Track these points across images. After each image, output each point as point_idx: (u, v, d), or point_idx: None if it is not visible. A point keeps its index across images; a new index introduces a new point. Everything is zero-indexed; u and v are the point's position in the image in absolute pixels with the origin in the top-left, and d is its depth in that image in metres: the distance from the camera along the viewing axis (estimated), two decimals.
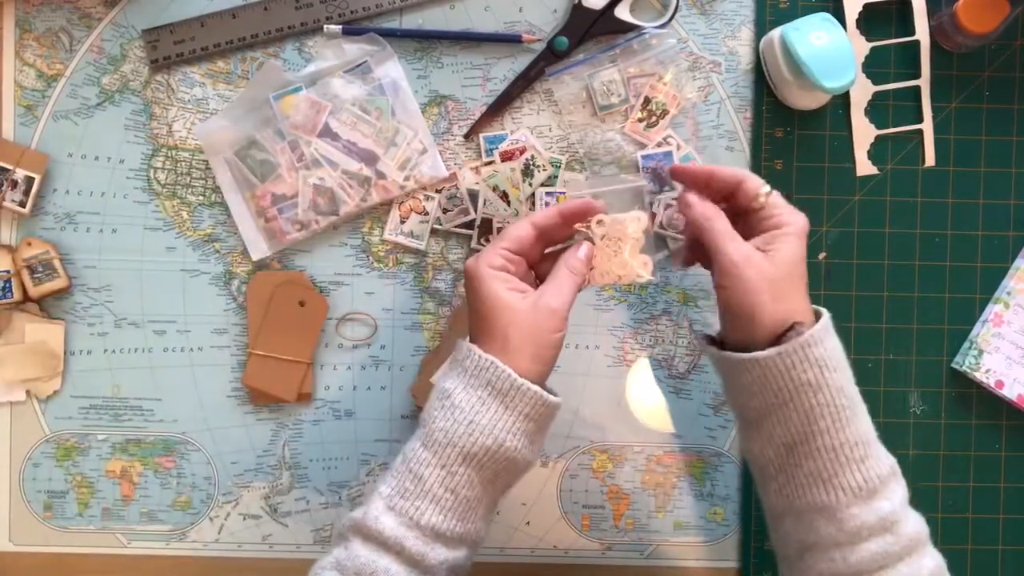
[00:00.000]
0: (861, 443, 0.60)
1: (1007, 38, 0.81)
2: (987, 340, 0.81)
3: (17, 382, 0.79)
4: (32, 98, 0.79)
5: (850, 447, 0.59)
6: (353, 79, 0.78)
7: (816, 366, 0.59)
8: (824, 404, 0.59)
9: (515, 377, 0.60)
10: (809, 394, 0.59)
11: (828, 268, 0.82)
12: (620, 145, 0.81)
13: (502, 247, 0.63)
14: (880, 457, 0.61)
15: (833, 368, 0.60)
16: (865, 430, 0.61)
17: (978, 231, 0.83)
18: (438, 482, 0.59)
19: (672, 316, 0.82)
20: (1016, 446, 0.83)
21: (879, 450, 0.61)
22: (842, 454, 0.59)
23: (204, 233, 0.80)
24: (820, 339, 0.60)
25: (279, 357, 0.79)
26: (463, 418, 0.60)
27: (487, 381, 0.60)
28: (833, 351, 0.60)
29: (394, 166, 0.79)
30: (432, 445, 0.60)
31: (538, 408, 0.61)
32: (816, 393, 0.59)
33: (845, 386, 0.60)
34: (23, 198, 0.78)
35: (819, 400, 0.59)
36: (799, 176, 0.82)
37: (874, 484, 0.59)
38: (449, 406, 0.60)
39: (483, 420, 0.59)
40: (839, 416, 0.59)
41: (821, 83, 0.73)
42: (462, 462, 0.59)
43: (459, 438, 0.59)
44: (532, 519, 0.82)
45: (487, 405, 0.60)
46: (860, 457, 0.59)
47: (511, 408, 0.60)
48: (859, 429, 0.60)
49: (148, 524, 0.81)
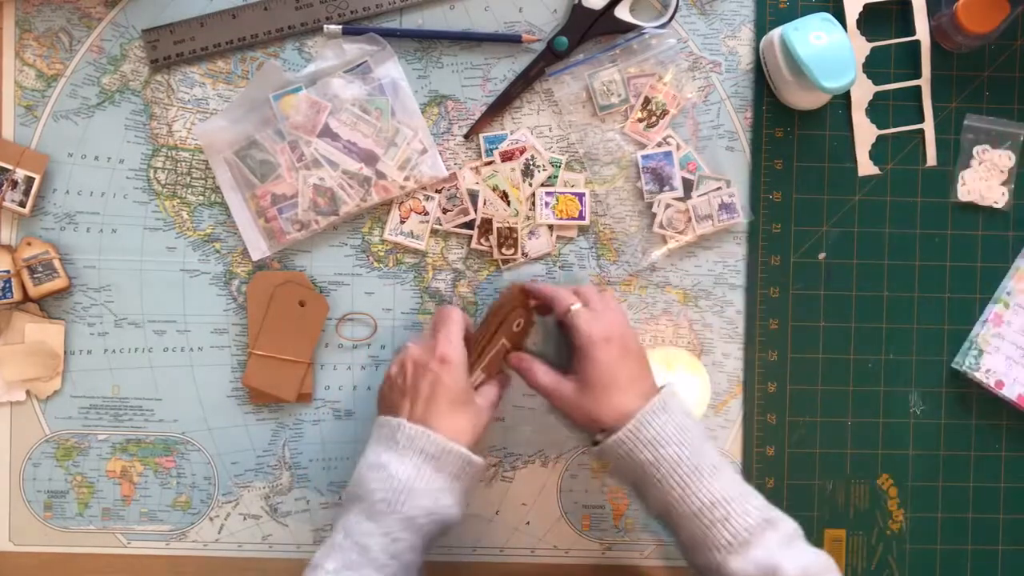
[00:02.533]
0: (720, 502, 0.64)
1: (1007, 38, 0.81)
2: (987, 340, 0.81)
3: (17, 382, 0.79)
4: (32, 98, 0.79)
5: (708, 509, 0.64)
6: (353, 79, 0.78)
7: (650, 446, 0.65)
8: (667, 476, 0.65)
9: (445, 442, 0.66)
10: (652, 471, 0.65)
11: (828, 268, 0.82)
12: (620, 145, 0.81)
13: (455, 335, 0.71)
14: (746, 511, 0.64)
15: (666, 443, 0.65)
16: (721, 488, 0.64)
17: (978, 231, 0.83)
18: (382, 550, 0.63)
19: (672, 316, 0.82)
20: (1016, 446, 0.83)
21: (744, 504, 0.64)
22: (704, 517, 0.64)
23: (204, 233, 0.80)
24: (648, 421, 0.66)
25: (279, 357, 0.79)
26: (401, 486, 0.64)
27: (420, 449, 0.65)
28: (664, 427, 0.65)
29: (394, 166, 0.79)
30: (375, 516, 0.64)
31: (464, 468, 0.66)
32: (657, 468, 0.65)
33: (685, 456, 0.65)
34: (23, 198, 0.78)
35: (662, 474, 0.65)
36: (799, 176, 0.82)
37: (743, 537, 0.63)
38: (386, 477, 0.65)
39: (420, 484, 0.65)
40: (687, 484, 0.64)
41: (821, 83, 0.73)
42: (404, 528, 0.64)
43: (400, 505, 0.64)
44: (532, 519, 0.82)
45: (420, 470, 0.65)
46: (722, 517, 0.63)
47: (442, 470, 0.66)
48: (712, 490, 0.64)
49: (148, 524, 0.81)
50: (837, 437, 0.82)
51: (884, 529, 0.83)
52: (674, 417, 0.67)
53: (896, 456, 0.83)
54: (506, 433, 0.81)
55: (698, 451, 0.66)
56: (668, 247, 0.81)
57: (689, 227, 0.80)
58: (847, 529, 0.82)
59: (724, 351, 0.82)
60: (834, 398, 0.82)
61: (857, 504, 0.82)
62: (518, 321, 0.74)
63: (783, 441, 0.82)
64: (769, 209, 0.82)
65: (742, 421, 0.82)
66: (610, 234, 0.81)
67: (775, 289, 0.82)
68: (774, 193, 0.82)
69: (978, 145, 0.82)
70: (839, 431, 0.82)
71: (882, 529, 0.83)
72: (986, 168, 0.82)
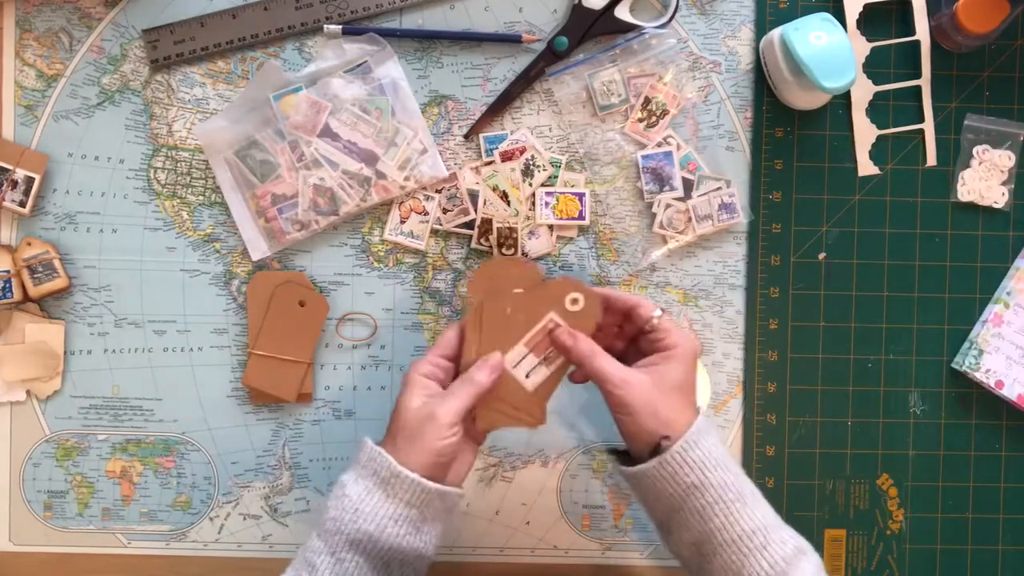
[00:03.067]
0: (759, 530, 0.62)
1: (1007, 38, 0.81)
2: (987, 340, 0.81)
3: (17, 382, 0.79)
4: (32, 98, 0.79)
5: (748, 537, 0.62)
6: (353, 79, 0.78)
7: (697, 468, 0.63)
8: (713, 502, 0.63)
9: (395, 465, 0.63)
10: (696, 495, 0.63)
11: (828, 268, 0.82)
12: (620, 145, 0.81)
13: (433, 354, 0.68)
14: (783, 539, 0.63)
15: (713, 467, 0.63)
16: (761, 516, 0.63)
17: (978, 231, 0.83)
18: (328, 569, 0.63)
19: (672, 316, 0.82)
20: (1016, 446, 0.83)
21: (780, 533, 0.63)
22: (743, 545, 0.62)
23: (204, 233, 0.80)
24: (695, 442, 0.63)
25: (279, 357, 0.79)
26: (350, 506, 0.63)
27: (373, 471, 0.64)
28: (711, 450, 0.64)
29: (394, 166, 0.79)
30: (323, 534, 0.64)
31: (419, 495, 0.63)
32: (703, 493, 0.63)
33: (730, 480, 0.63)
34: (23, 198, 0.78)
35: (707, 499, 0.63)
36: (799, 176, 0.82)
37: (781, 567, 0.61)
38: (341, 495, 0.64)
39: (366, 507, 0.63)
40: (730, 511, 0.63)
41: (821, 83, 0.73)
42: (349, 548, 0.63)
43: (345, 525, 0.63)
44: (532, 519, 0.82)
45: (371, 493, 0.64)
46: (761, 545, 0.62)
47: (392, 496, 0.63)
48: (754, 517, 0.63)
49: (148, 524, 0.81)
50: (837, 437, 0.82)
51: (884, 529, 0.83)
52: (717, 441, 0.65)
53: (896, 456, 0.83)
54: (506, 433, 0.81)
55: (741, 476, 0.65)
56: (668, 247, 0.81)
57: (689, 227, 0.80)
58: (847, 529, 0.82)
59: (724, 351, 0.82)
60: (834, 398, 0.82)
61: (857, 504, 0.82)
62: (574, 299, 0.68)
63: (783, 441, 0.82)
64: (769, 209, 0.82)
65: (742, 421, 0.82)
66: (610, 234, 0.81)
67: (775, 289, 0.82)
68: (774, 193, 0.82)
69: (978, 145, 0.82)
70: (839, 431, 0.82)
71: (882, 529, 0.83)
72: (986, 168, 0.82)
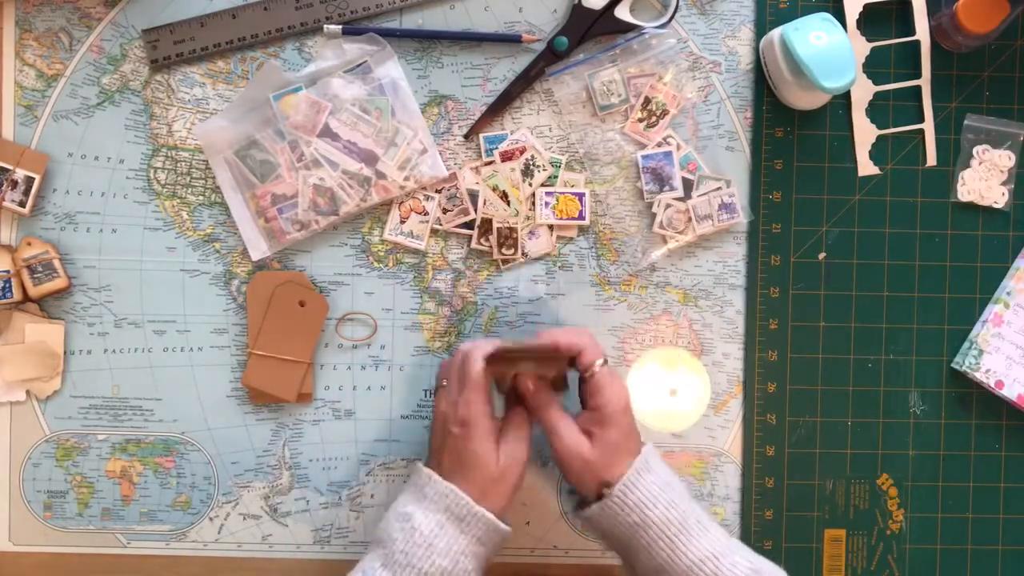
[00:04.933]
0: (709, 558, 0.64)
1: (1007, 38, 0.81)
2: (987, 340, 0.81)
3: (17, 382, 0.79)
4: (32, 98, 0.79)
5: (698, 567, 0.64)
6: (353, 79, 0.78)
7: (637, 509, 0.65)
8: (657, 538, 0.65)
9: (472, 504, 0.65)
10: (640, 533, 0.65)
11: (828, 268, 0.82)
12: (620, 145, 0.81)
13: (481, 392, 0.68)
14: (734, 563, 0.64)
15: (653, 505, 0.65)
16: (708, 545, 0.65)
17: (978, 231, 0.83)
18: None
19: (672, 316, 0.82)
20: (1016, 446, 0.83)
21: (732, 558, 0.65)
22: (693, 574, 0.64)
23: (204, 233, 0.80)
24: (634, 484, 0.66)
25: (279, 357, 0.79)
26: (422, 540, 0.64)
27: (446, 507, 0.65)
28: (650, 488, 0.66)
29: (394, 166, 0.79)
30: (392, 565, 0.64)
31: (490, 533, 0.66)
32: (646, 531, 0.65)
33: (672, 516, 0.65)
34: (23, 198, 0.78)
35: (651, 536, 0.65)
36: (799, 176, 0.82)
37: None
38: (409, 528, 0.65)
39: (440, 543, 0.64)
40: (675, 544, 0.65)
41: (821, 83, 0.73)
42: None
43: (418, 559, 0.64)
44: (532, 519, 0.82)
45: (445, 529, 0.65)
46: (711, 572, 0.64)
47: (466, 532, 0.65)
48: (700, 547, 0.65)
49: (148, 524, 0.81)
50: (837, 437, 0.82)
51: (884, 529, 0.83)
52: (659, 475, 0.67)
53: (896, 456, 0.83)
54: None
55: (683, 509, 0.66)
56: (668, 247, 0.81)
57: (689, 227, 0.80)
58: (847, 529, 0.82)
59: (724, 351, 0.82)
60: (834, 398, 0.82)
61: (857, 504, 0.82)
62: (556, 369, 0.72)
63: (783, 441, 0.82)
64: (769, 209, 0.82)
65: (742, 421, 0.82)
66: (610, 234, 0.81)
67: (775, 289, 0.82)
68: (774, 193, 0.82)
69: (978, 145, 0.82)
70: (839, 431, 0.82)
71: (882, 529, 0.83)
72: (986, 168, 0.82)
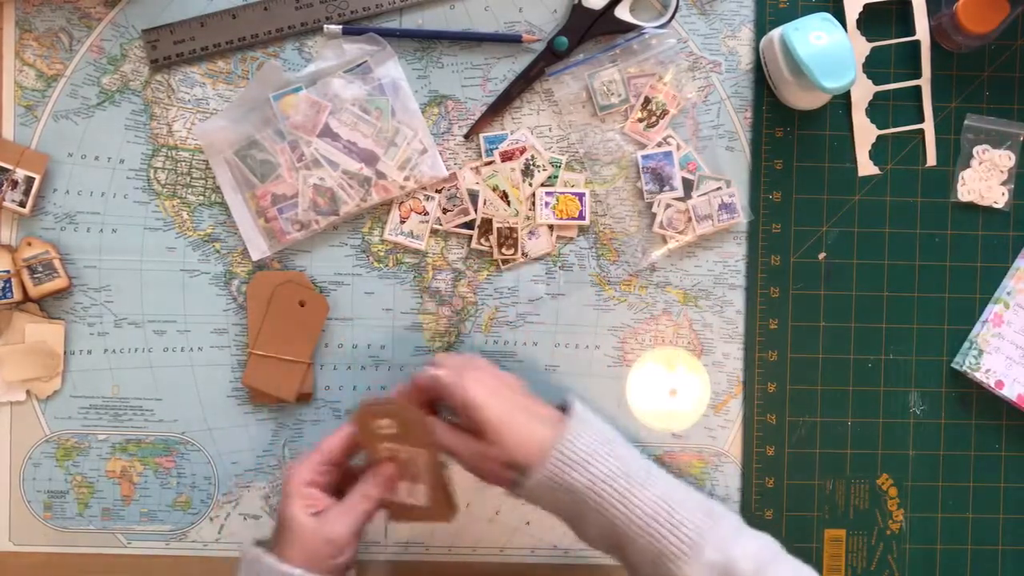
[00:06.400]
0: (663, 509, 0.62)
1: (1007, 38, 0.81)
2: (987, 340, 0.81)
3: (17, 382, 0.79)
4: (32, 98, 0.79)
5: (652, 518, 0.62)
6: (353, 79, 0.78)
7: (579, 467, 0.63)
8: (605, 494, 0.62)
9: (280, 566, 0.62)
10: (589, 494, 0.63)
11: (828, 268, 0.82)
12: (620, 145, 0.81)
13: (314, 460, 0.67)
14: (688, 508, 0.62)
15: (596, 459, 0.63)
16: (660, 493, 0.63)
17: (978, 231, 0.83)
18: None
19: (672, 316, 0.82)
20: (1016, 446, 0.83)
21: (684, 504, 0.63)
22: (650, 527, 0.62)
23: (204, 233, 0.80)
24: (571, 442, 0.64)
25: (279, 357, 0.79)
26: None
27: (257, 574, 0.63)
28: (590, 444, 0.64)
29: (394, 166, 0.79)
30: None
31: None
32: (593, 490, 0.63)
33: (614, 467, 0.63)
34: (23, 198, 0.78)
35: (599, 493, 0.63)
36: (799, 176, 0.82)
37: (693, 540, 0.61)
38: None
39: None
40: (626, 498, 0.62)
41: (821, 83, 0.73)
42: None
43: None
44: (532, 519, 0.82)
45: None
46: (665, 522, 0.61)
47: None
48: (650, 497, 0.62)
49: (148, 524, 0.81)
50: (837, 437, 0.82)
51: (884, 529, 0.83)
52: (595, 429, 0.65)
53: (896, 456, 0.83)
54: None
55: (626, 459, 0.64)
56: (668, 247, 0.81)
57: (689, 227, 0.80)
58: (847, 529, 0.82)
59: (724, 351, 0.82)
60: (834, 398, 0.82)
61: (857, 504, 0.82)
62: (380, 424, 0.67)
63: (783, 441, 0.82)
64: (769, 209, 0.82)
65: (742, 421, 0.82)
66: (610, 234, 0.81)
67: (775, 289, 0.82)
68: (774, 193, 0.82)
69: (978, 145, 0.82)
70: (839, 431, 0.82)
71: (882, 529, 0.83)
72: (986, 168, 0.82)
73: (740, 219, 0.80)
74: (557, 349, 0.81)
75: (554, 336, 0.81)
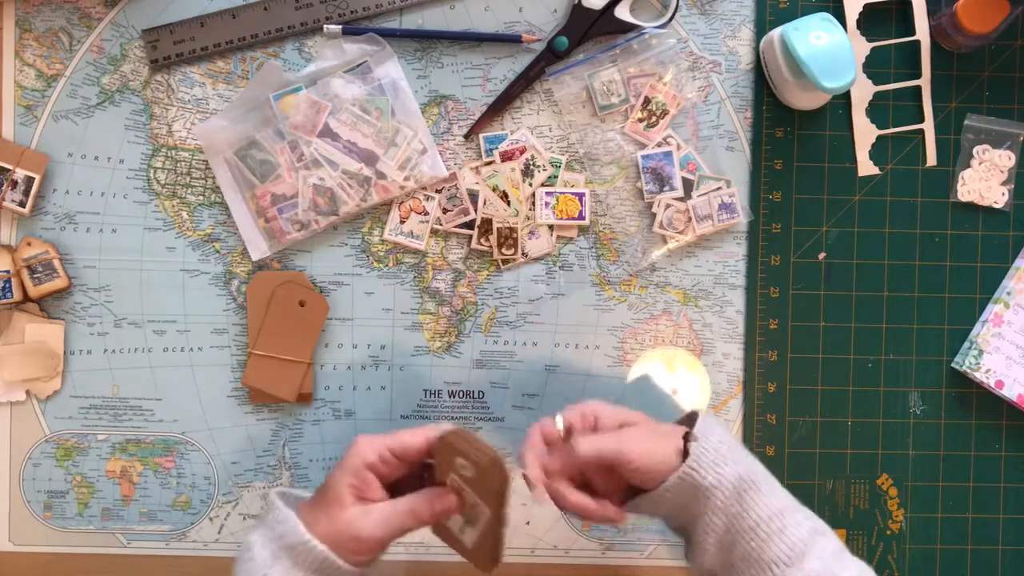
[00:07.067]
0: (776, 515, 0.63)
1: (1007, 38, 0.81)
2: (987, 340, 0.81)
3: (17, 382, 0.79)
4: (32, 98, 0.79)
5: (766, 523, 0.63)
6: (353, 79, 0.78)
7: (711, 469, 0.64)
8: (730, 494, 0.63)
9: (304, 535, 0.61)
10: (716, 493, 0.64)
11: (828, 268, 0.82)
12: (620, 145, 0.81)
13: (385, 445, 0.64)
14: (798, 522, 0.63)
15: (723, 462, 0.64)
16: (776, 503, 0.64)
17: (978, 231, 0.83)
18: None
19: (672, 316, 0.82)
20: (1016, 446, 0.83)
21: (796, 516, 0.64)
22: (760, 531, 0.63)
23: (204, 233, 0.80)
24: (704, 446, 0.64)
25: (279, 357, 0.79)
26: (257, 570, 0.62)
27: (280, 535, 0.62)
28: (718, 447, 0.64)
29: (394, 166, 0.79)
30: None
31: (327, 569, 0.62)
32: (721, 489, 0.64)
33: (742, 472, 0.64)
34: (23, 198, 0.78)
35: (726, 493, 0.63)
36: (799, 176, 0.82)
37: (799, 548, 0.62)
38: (248, 559, 0.63)
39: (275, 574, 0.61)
40: (744, 500, 0.63)
41: (821, 83, 0.73)
42: None
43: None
44: (532, 519, 0.82)
45: (279, 559, 0.62)
46: (778, 529, 0.63)
47: (299, 563, 0.61)
48: (769, 504, 0.64)
49: (148, 524, 0.81)
50: (837, 437, 0.82)
51: (884, 529, 0.83)
52: (723, 436, 0.66)
53: (896, 456, 0.83)
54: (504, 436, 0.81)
55: (751, 466, 0.65)
56: (668, 247, 0.81)
57: (689, 227, 0.80)
58: (847, 529, 0.82)
59: (724, 351, 0.82)
60: (834, 398, 0.82)
61: (857, 504, 0.82)
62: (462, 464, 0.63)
63: (783, 441, 0.82)
64: (769, 209, 0.82)
65: (742, 421, 0.82)
66: (610, 234, 0.81)
67: (775, 289, 0.82)
68: (774, 193, 0.82)
69: (978, 145, 0.82)
70: (839, 431, 0.82)
71: (882, 529, 0.83)
72: (986, 168, 0.82)
73: (740, 219, 0.80)
74: (557, 349, 0.81)
75: (554, 336, 0.82)
